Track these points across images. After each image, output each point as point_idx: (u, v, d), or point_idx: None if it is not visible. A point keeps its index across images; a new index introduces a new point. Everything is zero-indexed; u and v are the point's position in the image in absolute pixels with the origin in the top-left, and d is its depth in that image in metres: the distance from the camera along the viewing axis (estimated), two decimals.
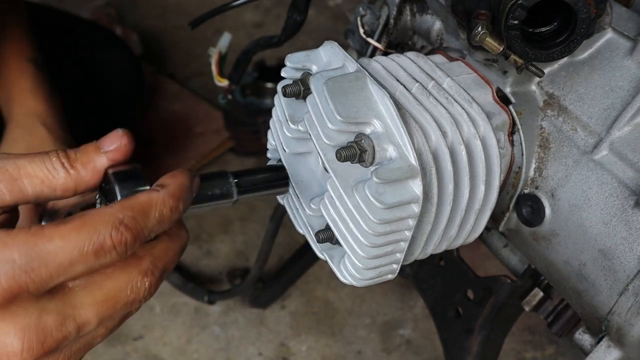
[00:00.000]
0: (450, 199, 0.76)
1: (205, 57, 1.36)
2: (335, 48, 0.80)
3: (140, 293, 0.61)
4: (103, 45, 1.85)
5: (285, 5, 1.09)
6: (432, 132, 0.75)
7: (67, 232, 0.56)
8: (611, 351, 0.78)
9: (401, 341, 1.67)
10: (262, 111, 1.97)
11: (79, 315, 0.58)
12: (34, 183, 0.61)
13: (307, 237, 0.83)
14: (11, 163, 0.60)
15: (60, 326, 0.57)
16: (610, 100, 0.78)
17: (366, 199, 0.70)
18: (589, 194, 0.78)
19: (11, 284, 0.55)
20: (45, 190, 0.61)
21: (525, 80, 0.83)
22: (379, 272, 0.78)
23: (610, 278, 0.76)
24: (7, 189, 0.60)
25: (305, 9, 1.06)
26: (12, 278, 0.55)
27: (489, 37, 0.72)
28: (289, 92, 0.78)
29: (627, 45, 0.79)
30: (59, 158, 0.62)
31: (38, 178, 0.61)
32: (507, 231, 0.89)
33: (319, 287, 1.78)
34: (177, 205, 0.62)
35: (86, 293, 0.59)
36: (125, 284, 0.60)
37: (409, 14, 0.97)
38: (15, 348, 0.56)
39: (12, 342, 0.56)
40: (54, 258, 0.55)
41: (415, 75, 0.82)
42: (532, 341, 1.65)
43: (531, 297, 0.98)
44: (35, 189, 0.61)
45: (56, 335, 0.57)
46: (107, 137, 0.64)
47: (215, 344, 1.67)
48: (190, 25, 1.14)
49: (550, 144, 0.82)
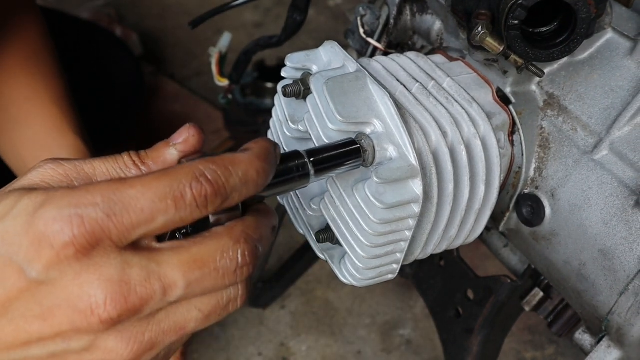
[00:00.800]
0: (451, 199, 0.76)
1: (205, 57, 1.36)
2: (335, 48, 0.80)
3: (235, 260, 0.58)
4: (103, 45, 1.86)
5: (285, 5, 1.09)
6: (433, 132, 0.75)
7: (149, 180, 0.55)
8: (611, 351, 0.78)
9: (401, 341, 1.67)
10: (262, 111, 1.96)
11: (164, 273, 0.55)
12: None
13: (307, 237, 0.83)
14: (87, 163, 0.60)
15: (144, 281, 0.55)
16: (611, 100, 0.78)
17: (366, 199, 0.70)
18: (589, 194, 0.78)
19: (95, 228, 0.53)
20: None
21: (525, 80, 0.83)
22: (379, 272, 0.78)
23: (610, 278, 0.76)
24: None
25: (306, 8, 1.06)
26: (96, 221, 0.53)
27: (489, 37, 0.72)
28: (289, 92, 0.78)
29: (627, 45, 0.79)
30: (130, 157, 0.62)
31: (112, 177, 0.60)
32: (507, 231, 0.89)
33: (319, 287, 1.78)
34: (264, 167, 0.60)
35: (172, 253, 0.56)
36: (215, 248, 0.57)
37: (409, 14, 0.97)
38: (99, 299, 0.53)
39: (95, 293, 0.53)
40: (135, 204, 0.54)
41: (416, 75, 0.82)
42: (532, 341, 1.65)
43: (531, 297, 0.98)
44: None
45: (140, 292, 0.54)
46: (177, 132, 0.64)
47: (215, 344, 1.67)
48: (191, 25, 1.14)
49: (550, 144, 0.82)
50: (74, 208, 0.53)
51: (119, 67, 1.83)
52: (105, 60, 1.82)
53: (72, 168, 0.59)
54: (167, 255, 0.56)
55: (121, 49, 1.92)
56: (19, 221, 0.53)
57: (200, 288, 0.57)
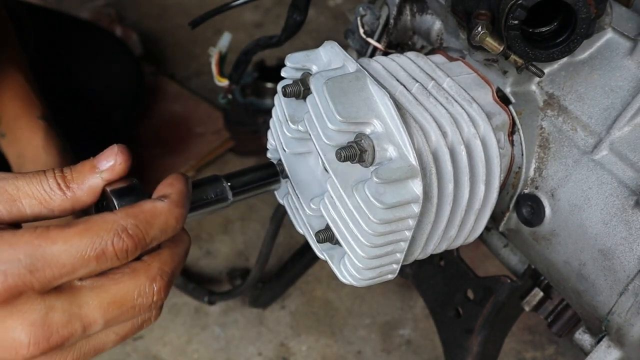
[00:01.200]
0: (450, 199, 0.76)
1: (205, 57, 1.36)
2: (335, 48, 0.80)
3: (150, 297, 0.62)
4: (102, 46, 1.85)
5: (285, 5, 1.09)
6: (432, 132, 0.75)
7: (71, 236, 0.58)
8: (611, 351, 0.78)
9: (401, 341, 1.67)
10: (262, 111, 1.96)
11: (85, 314, 0.60)
12: (32, 204, 0.63)
13: (307, 237, 0.83)
14: (10, 184, 0.63)
15: (66, 323, 0.59)
16: (610, 100, 0.78)
17: (366, 199, 0.71)
18: (589, 194, 0.78)
19: (17, 282, 0.57)
20: (43, 211, 0.63)
21: (525, 80, 0.83)
22: (379, 272, 0.78)
23: (610, 278, 0.76)
24: (6, 210, 0.62)
25: (306, 8, 1.06)
26: (17, 276, 0.57)
27: (489, 37, 0.72)
28: (289, 92, 0.78)
29: (627, 45, 0.79)
30: (55, 179, 0.64)
31: (36, 199, 0.63)
32: (507, 231, 0.89)
33: (319, 287, 1.78)
34: (182, 213, 0.63)
35: (93, 294, 0.60)
36: (133, 288, 0.61)
37: (409, 14, 0.97)
38: (23, 342, 0.58)
39: (19, 336, 0.58)
40: (57, 260, 0.58)
41: (415, 75, 0.82)
42: (532, 341, 1.65)
43: (531, 297, 0.98)
44: (33, 209, 0.63)
45: (62, 332, 0.59)
46: (103, 154, 0.65)
47: (215, 344, 1.67)
48: (191, 25, 1.14)
49: (550, 144, 0.82)
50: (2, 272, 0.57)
51: (119, 67, 1.83)
52: (105, 60, 1.82)
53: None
54: (88, 296, 0.60)
55: (121, 49, 1.92)
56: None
57: (118, 322, 0.63)
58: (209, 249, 1.86)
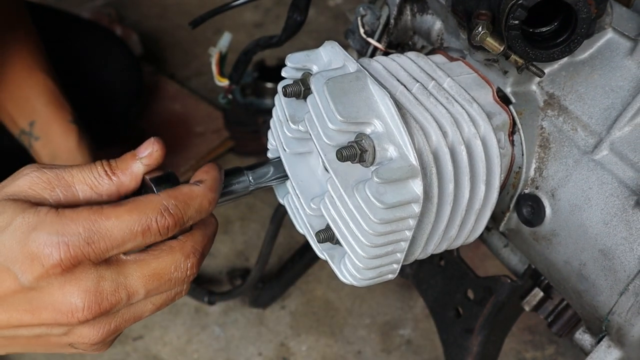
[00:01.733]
0: (451, 199, 0.76)
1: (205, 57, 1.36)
2: (335, 48, 0.80)
3: (185, 272, 0.72)
4: (102, 44, 1.85)
5: (285, 5, 1.09)
6: (433, 132, 0.75)
7: (122, 213, 0.68)
8: (611, 351, 0.78)
9: (401, 341, 1.67)
10: (262, 111, 1.96)
11: (130, 284, 0.70)
12: (84, 189, 0.72)
13: (308, 237, 0.83)
14: (66, 172, 0.72)
15: (114, 292, 0.69)
16: (611, 100, 0.78)
17: (367, 199, 0.70)
18: (590, 194, 0.78)
19: (77, 252, 0.66)
20: (93, 195, 0.72)
21: (525, 80, 0.83)
22: (379, 272, 0.78)
23: (610, 278, 0.76)
24: (63, 194, 0.71)
25: (306, 8, 1.06)
26: (78, 247, 0.66)
27: (489, 37, 0.72)
28: (289, 92, 0.78)
29: (627, 45, 0.79)
30: (103, 167, 0.73)
31: (87, 185, 0.72)
32: (507, 231, 0.89)
33: (319, 287, 1.78)
34: (215, 197, 0.74)
35: (136, 267, 0.70)
36: (170, 263, 0.71)
37: (410, 14, 0.97)
38: (78, 306, 0.68)
39: (75, 301, 0.68)
40: (110, 234, 0.68)
41: (416, 75, 0.82)
42: (532, 341, 1.65)
43: (531, 297, 0.98)
44: (85, 194, 0.72)
45: (111, 299, 0.69)
46: (142, 145, 0.75)
47: (215, 344, 1.67)
48: (191, 25, 1.14)
49: (550, 144, 0.82)
50: (61, 236, 0.66)
51: (118, 66, 1.83)
52: (105, 59, 1.82)
53: (53, 176, 0.72)
54: (132, 268, 0.70)
55: (121, 48, 1.91)
56: (15, 238, 0.67)
57: (157, 292, 0.72)
58: None
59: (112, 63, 1.83)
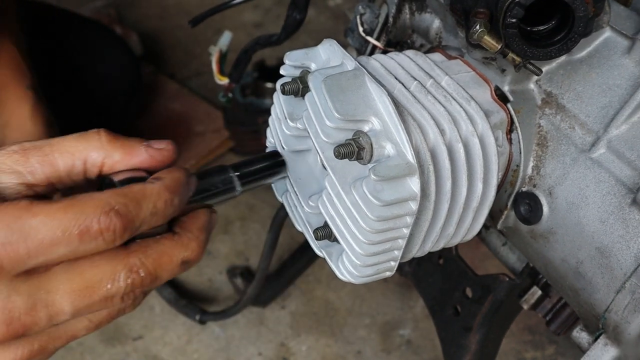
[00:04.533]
0: (448, 197, 0.77)
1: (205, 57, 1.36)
2: (334, 46, 0.80)
3: (120, 290, 0.57)
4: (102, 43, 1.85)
5: (285, 5, 1.09)
6: (430, 129, 0.75)
7: (54, 211, 0.54)
8: (608, 349, 0.78)
9: (401, 341, 1.67)
10: (262, 111, 1.97)
11: (52, 301, 0.55)
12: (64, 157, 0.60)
13: (306, 234, 0.83)
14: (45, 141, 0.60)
15: (29, 310, 0.54)
16: (608, 98, 0.79)
17: (364, 197, 0.71)
18: (587, 192, 0.78)
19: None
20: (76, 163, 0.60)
21: (523, 79, 0.83)
22: (376, 270, 0.78)
23: (607, 276, 0.77)
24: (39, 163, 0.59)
25: (305, 7, 1.07)
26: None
27: (487, 36, 0.73)
28: (287, 90, 0.78)
29: (625, 44, 0.79)
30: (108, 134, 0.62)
31: (69, 151, 0.60)
32: (505, 229, 0.90)
33: (319, 287, 1.78)
34: (172, 198, 0.60)
35: (64, 279, 0.56)
36: (108, 275, 0.56)
37: (408, 12, 0.97)
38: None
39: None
40: (35, 234, 0.53)
41: (414, 74, 0.82)
42: (532, 341, 1.65)
43: (529, 296, 0.98)
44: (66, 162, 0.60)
45: (24, 320, 0.54)
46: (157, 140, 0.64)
47: (215, 344, 1.68)
48: (191, 24, 1.14)
49: (548, 142, 0.82)
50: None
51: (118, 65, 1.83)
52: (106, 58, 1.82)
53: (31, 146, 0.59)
54: (58, 280, 0.55)
55: (122, 47, 1.92)
56: None
57: (88, 312, 0.57)
58: (209, 249, 1.86)
59: (111, 61, 1.83)
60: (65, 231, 0.53)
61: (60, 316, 0.56)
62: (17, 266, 0.53)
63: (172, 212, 0.60)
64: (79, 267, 0.56)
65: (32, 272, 0.55)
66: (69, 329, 0.59)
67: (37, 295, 0.55)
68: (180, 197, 0.61)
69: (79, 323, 0.59)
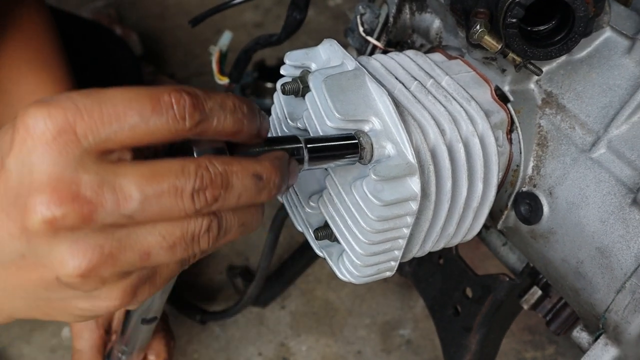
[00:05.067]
0: (449, 197, 0.77)
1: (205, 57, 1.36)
2: (334, 46, 0.80)
3: (190, 184, 0.53)
4: (103, 44, 1.86)
5: (285, 6, 1.09)
6: (431, 129, 0.75)
7: (128, 88, 0.52)
8: (608, 349, 0.78)
9: (401, 341, 1.67)
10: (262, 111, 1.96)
11: (119, 184, 0.51)
12: None
13: (306, 234, 0.83)
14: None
15: (96, 187, 0.51)
16: (609, 98, 0.79)
17: (364, 196, 0.71)
18: (587, 192, 0.78)
19: (58, 114, 0.50)
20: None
21: (523, 79, 0.83)
22: (377, 269, 0.78)
23: (607, 276, 0.77)
24: None
25: (305, 7, 1.07)
26: (62, 109, 0.50)
27: (487, 36, 0.73)
28: (287, 90, 0.78)
29: (625, 44, 0.79)
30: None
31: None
32: (505, 229, 0.90)
33: (319, 287, 1.78)
34: (241, 105, 0.57)
35: (133, 166, 0.52)
36: (176, 166, 0.53)
37: (409, 12, 0.97)
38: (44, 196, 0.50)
39: (44, 188, 0.50)
40: (110, 100, 0.51)
41: (414, 74, 0.82)
42: (532, 341, 1.65)
43: (530, 296, 0.98)
44: None
45: (90, 196, 0.50)
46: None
47: (215, 344, 1.67)
48: (191, 23, 1.14)
49: (548, 142, 0.82)
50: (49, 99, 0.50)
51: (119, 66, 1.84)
52: (106, 58, 1.82)
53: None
54: (127, 167, 0.52)
55: (122, 48, 1.92)
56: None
57: (158, 205, 0.53)
58: None
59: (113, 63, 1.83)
60: (139, 98, 0.51)
61: (128, 203, 0.52)
62: (90, 134, 0.51)
63: (240, 118, 0.57)
64: (148, 161, 0.53)
65: (101, 154, 0.52)
66: (141, 240, 0.54)
67: (105, 176, 0.51)
68: (250, 110, 0.58)
69: (150, 235, 0.54)
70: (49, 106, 0.50)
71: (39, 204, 0.50)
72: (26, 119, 0.50)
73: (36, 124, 0.50)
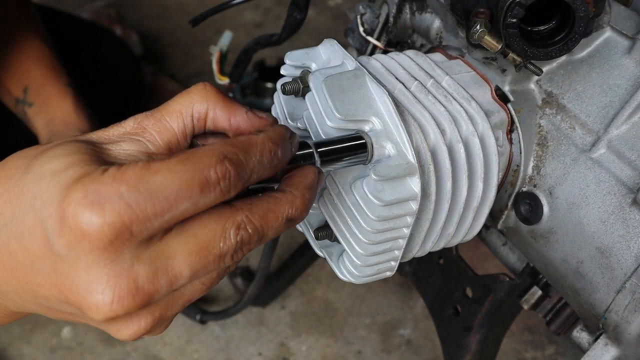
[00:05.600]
0: (449, 197, 0.77)
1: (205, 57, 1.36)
2: (334, 46, 0.80)
3: (231, 247, 0.57)
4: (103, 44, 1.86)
5: (285, 6, 1.09)
6: (431, 129, 0.75)
7: (173, 165, 0.53)
8: (608, 349, 0.78)
9: (401, 341, 1.67)
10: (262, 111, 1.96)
11: (171, 267, 0.55)
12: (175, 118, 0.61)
13: (306, 234, 0.83)
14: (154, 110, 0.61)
15: (152, 278, 0.54)
16: (609, 98, 0.79)
17: (364, 196, 0.71)
18: (587, 192, 0.78)
19: (115, 220, 0.51)
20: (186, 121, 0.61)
21: (523, 79, 0.83)
22: (377, 269, 0.78)
23: (607, 276, 0.77)
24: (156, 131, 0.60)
25: (306, 7, 1.07)
26: (118, 213, 0.51)
27: (487, 36, 0.73)
28: (288, 90, 0.78)
29: (625, 44, 0.79)
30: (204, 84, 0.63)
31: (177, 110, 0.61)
32: (505, 229, 0.90)
33: (319, 287, 1.78)
34: (276, 150, 0.59)
35: (180, 241, 0.55)
36: (219, 234, 0.56)
37: (409, 12, 0.97)
38: (106, 298, 0.53)
39: (104, 290, 0.53)
40: (161, 191, 0.53)
41: (414, 74, 0.82)
42: (532, 341, 1.65)
43: (530, 296, 0.98)
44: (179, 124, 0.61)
45: (147, 288, 0.54)
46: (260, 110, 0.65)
47: (215, 344, 1.67)
48: (191, 23, 1.14)
49: (548, 142, 0.82)
50: (98, 195, 0.51)
51: (119, 66, 1.84)
52: (106, 59, 1.82)
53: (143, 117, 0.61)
54: (174, 243, 0.55)
55: (122, 48, 1.92)
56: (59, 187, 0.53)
57: (204, 273, 0.57)
58: None
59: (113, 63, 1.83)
60: (188, 184, 0.53)
61: (179, 280, 0.56)
62: (144, 229, 0.53)
63: (276, 164, 0.60)
64: (190, 229, 0.56)
65: (151, 239, 0.54)
66: (185, 294, 0.59)
67: (157, 262, 0.54)
68: (284, 150, 0.61)
69: (192, 287, 0.59)
70: (103, 210, 0.51)
71: (102, 305, 0.53)
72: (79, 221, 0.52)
73: (91, 228, 0.51)
